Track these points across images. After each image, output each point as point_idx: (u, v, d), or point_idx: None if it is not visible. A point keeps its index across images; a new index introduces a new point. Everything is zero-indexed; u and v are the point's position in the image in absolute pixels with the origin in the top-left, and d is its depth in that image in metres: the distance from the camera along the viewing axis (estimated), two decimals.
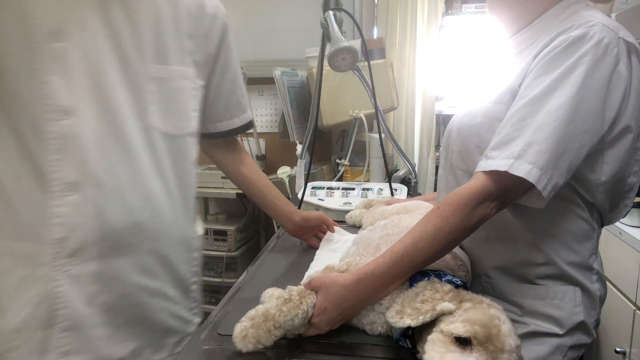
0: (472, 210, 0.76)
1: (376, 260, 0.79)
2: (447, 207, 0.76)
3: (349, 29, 1.92)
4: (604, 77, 0.75)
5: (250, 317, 0.77)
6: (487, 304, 0.68)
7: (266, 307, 0.77)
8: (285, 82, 2.15)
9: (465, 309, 0.66)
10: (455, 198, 0.77)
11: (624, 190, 0.86)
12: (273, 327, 0.75)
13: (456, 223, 0.76)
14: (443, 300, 0.69)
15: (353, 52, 1.31)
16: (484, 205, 0.76)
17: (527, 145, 0.73)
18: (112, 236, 0.88)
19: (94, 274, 0.87)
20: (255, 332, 0.75)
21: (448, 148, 0.94)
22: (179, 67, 0.96)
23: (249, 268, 1.18)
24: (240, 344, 0.75)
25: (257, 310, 0.77)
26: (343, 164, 2.03)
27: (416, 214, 1.03)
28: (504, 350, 0.62)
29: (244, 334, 0.75)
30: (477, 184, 0.76)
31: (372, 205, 1.37)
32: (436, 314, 0.68)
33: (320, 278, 0.81)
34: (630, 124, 0.79)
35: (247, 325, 0.75)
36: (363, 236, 1.00)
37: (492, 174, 0.76)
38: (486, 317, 0.64)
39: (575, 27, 0.77)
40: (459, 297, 0.70)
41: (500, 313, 0.66)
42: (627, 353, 1.57)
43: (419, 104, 2.54)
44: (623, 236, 1.59)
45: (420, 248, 0.76)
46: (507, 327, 0.64)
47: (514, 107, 0.78)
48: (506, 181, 0.75)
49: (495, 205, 0.77)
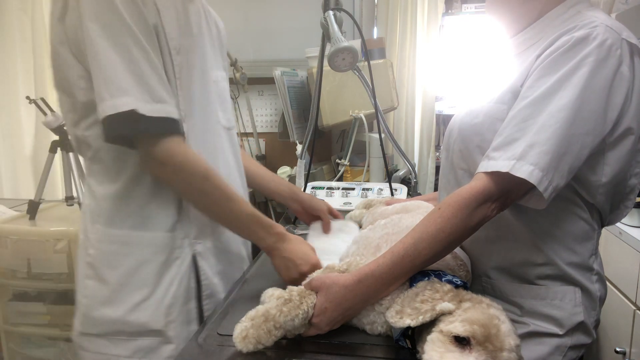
0: (473, 211, 0.75)
1: (376, 260, 0.79)
2: (448, 208, 0.76)
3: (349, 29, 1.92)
4: (606, 78, 0.74)
5: (251, 318, 0.77)
6: (487, 303, 0.68)
7: (266, 307, 0.77)
8: (285, 82, 2.15)
9: (464, 309, 0.66)
10: (457, 199, 0.76)
11: (624, 191, 0.86)
12: (273, 328, 0.75)
13: (457, 224, 0.76)
14: (443, 300, 0.69)
15: (353, 52, 1.30)
16: (485, 206, 0.76)
17: (529, 146, 0.73)
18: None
19: (211, 249, 1.04)
20: (256, 333, 0.75)
21: (449, 147, 0.94)
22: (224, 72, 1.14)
23: (249, 268, 1.18)
24: (240, 344, 0.75)
25: (258, 311, 0.77)
26: (343, 164, 2.03)
27: (416, 214, 1.03)
28: (503, 349, 0.62)
29: (244, 334, 0.75)
30: (479, 184, 0.76)
31: (372, 205, 1.37)
32: (436, 313, 0.68)
33: (320, 278, 0.81)
34: (632, 125, 0.79)
35: (248, 325, 0.76)
36: (363, 235, 1.00)
37: (494, 175, 0.75)
38: (485, 316, 0.64)
39: (578, 28, 0.77)
40: (459, 297, 0.70)
41: (500, 313, 0.66)
42: (627, 353, 1.57)
43: (419, 104, 2.54)
44: (623, 236, 1.59)
45: (420, 249, 0.76)
46: (506, 326, 0.64)
47: (516, 108, 0.78)
48: (507, 182, 0.75)
49: (496, 206, 0.77)
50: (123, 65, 0.85)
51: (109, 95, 0.85)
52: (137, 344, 0.95)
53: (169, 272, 0.98)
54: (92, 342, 0.97)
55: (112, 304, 0.95)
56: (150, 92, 0.87)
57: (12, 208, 2.09)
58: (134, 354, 0.95)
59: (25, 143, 2.57)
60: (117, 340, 0.95)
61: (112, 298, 0.95)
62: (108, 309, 0.95)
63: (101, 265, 0.96)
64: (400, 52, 2.52)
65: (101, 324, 0.96)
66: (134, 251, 0.96)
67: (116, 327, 0.95)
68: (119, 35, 0.85)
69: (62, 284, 1.82)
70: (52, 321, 1.87)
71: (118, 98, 0.84)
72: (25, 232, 1.82)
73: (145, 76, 0.87)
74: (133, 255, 0.96)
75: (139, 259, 0.96)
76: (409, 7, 2.47)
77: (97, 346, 0.96)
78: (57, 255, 1.79)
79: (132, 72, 0.86)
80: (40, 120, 2.34)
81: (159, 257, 0.97)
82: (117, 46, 0.85)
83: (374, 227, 1.03)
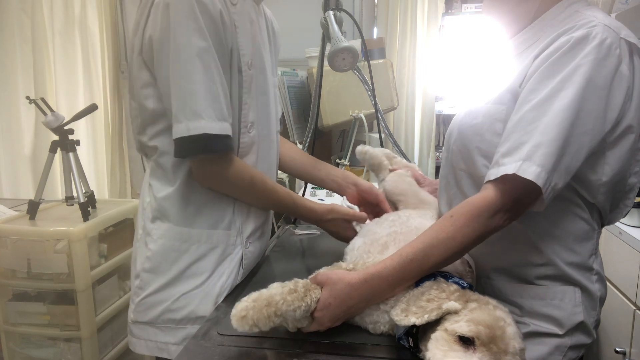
0: (486, 221, 0.75)
1: (384, 262, 0.79)
2: (461, 217, 0.76)
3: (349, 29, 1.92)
4: (606, 77, 0.74)
5: (253, 299, 0.76)
6: (494, 305, 0.68)
7: (271, 292, 0.77)
8: (285, 82, 2.15)
9: (470, 309, 0.66)
10: (469, 208, 0.76)
11: (624, 190, 0.86)
12: (274, 314, 0.75)
13: (469, 233, 0.76)
14: (449, 300, 0.69)
15: (353, 52, 1.30)
16: (497, 216, 0.75)
17: (535, 146, 0.73)
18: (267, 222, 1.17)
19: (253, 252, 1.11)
20: (255, 315, 0.74)
21: (449, 148, 0.94)
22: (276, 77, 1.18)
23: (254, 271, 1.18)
24: (237, 323, 0.74)
25: (261, 294, 0.77)
26: (343, 164, 2.03)
27: (426, 215, 1.02)
28: (508, 352, 0.62)
29: (243, 313, 0.74)
30: (491, 194, 0.76)
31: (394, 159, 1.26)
32: (442, 312, 0.67)
33: (327, 274, 0.81)
34: (632, 124, 0.79)
35: (249, 306, 0.75)
36: (370, 230, 1.00)
37: (504, 183, 0.75)
38: (491, 318, 0.64)
39: (576, 28, 0.77)
40: (465, 297, 0.70)
41: (506, 315, 0.66)
42: (627, 353, 1.57)
43: (419, 104, 2.54)
44: (623, 236, 1.59)
45: (430, 254, 0.76)
46: (512, 329, 0.64)
47: (520, 112, 0.77)
48: (516, 188, 0.74)
49: (508, 216, 0.76)
50: (199, 87, 0.91)
51: (184, 117, 0.91)
52: (185, 331, 1.00)
53: (221, 266, 1.04)
54: (143, 329, 1.03)
55: (165, 294, 1.01)
56: (216, 111, 0.93)
57: (12, 208, 2.08)
58: (182, 342, 0.99)
59: (25, 143, 2.57)
60: (167, 328, 1.01)
61: (166, 288, 1.01)
62: (161, 299, 1.01)
63: (161, 259, 1.01)
64: (400, 52, 2.52)
65: (153, 313, 1.01)
66: (192, 247, 1.01)
67: (167, 315, 1.01)
68: (199, 57, 0.90)
69: (62, 284, 1.82)
70: (52, 321, 1.86)
71: (192, 122, 0.91)
72: (25, 232, 1.82)
73: (215, 97, 0.93)
74: (192, 250, 1.01)
75: (197, 254, 1.02)
76: (409, 7, 2.47)
77: (147, 334, 1.02)
78: (57, 255, 1.79)
79: (206, 95, 0.91)
80: (40, 120, 2.34)
81: (215, 252, 1.03)
82: (196, 68, 0.90)
83: (381, 221, 1.02)
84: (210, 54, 0.92)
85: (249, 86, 1.01)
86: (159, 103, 0.97)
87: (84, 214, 1.85)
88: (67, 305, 1.84)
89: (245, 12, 1.00)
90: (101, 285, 1.94)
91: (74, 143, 1.92)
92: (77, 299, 1.81)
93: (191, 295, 1.00)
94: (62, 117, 1.90)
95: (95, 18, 2.80)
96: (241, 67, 0.99)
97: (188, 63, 0.90)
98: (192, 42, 0.90)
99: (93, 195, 2.03)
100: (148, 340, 1.02)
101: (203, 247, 1.02)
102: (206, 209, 1.02)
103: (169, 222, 1.01)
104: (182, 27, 0.89)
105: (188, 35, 0.90)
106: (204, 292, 1.01)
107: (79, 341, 1.86)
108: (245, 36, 0.99)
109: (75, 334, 1.85)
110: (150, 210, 1.03)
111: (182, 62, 0.90)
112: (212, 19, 0.91)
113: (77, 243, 1.77)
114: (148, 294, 1.01)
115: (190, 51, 0.90)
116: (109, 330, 2.00)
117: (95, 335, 1.87)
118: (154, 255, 1.01)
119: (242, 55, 0.98)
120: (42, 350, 1.91)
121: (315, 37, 1.63)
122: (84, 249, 1.79)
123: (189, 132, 0.91)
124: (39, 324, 1.87)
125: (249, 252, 1.09)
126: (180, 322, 1.00)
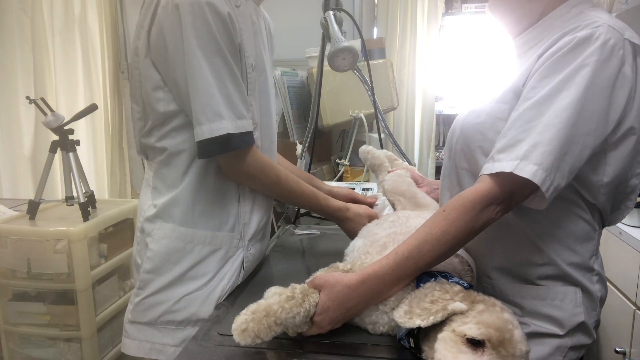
0: (478, 213, 0.75)
1: (380, 261, 0.79)
2: (453, 211, 0.76)
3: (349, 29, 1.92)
4: (609, 78, 0.74)
5: (252, 311, 0.76)
6: (500, 307, 0.67)
7: (269, 302, 0.77)
8: (285, 82, 2.15)
9: (479, 311, 0.66)
10: (461, 201, 0.76)
11: (625, 191, 0.86)
12: (274, 323, 0.75)
13: (461, 226, 0.75)
14: (453, 301, 0.69)
15: (353, 52, 1.30)
16: (489, 208, 0.76)
17: (532, 146, 0.73)
18: (267, 224, 1.17)
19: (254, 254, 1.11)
20: (256, 327, 0.74)
21: (451, 147, 0.93)
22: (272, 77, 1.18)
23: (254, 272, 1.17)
24: (239, 337, 0.74)
25: (259, 305, 0.77)
26: (343, 164, 2.03)
27: (426, 214, 1.02)
28: (515, 355, 0.61)
29: (243, 327, 0.74)
30: (483, 187, 0.76)
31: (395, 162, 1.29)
32: (447, 313, 0.67)
33: (324, 277, 0.81)
34: (634, 125, 0.78)
35: (248, 318, 0.75)
36: (370, 230, 1.00)
37: (498, 177, 0.75)
38: (501, 321, 0.63)
39: (580, 28, 0.77)
40: (470, 297, 0.69)
41: (513, 318, 0.66)
42: (627, 353, 1.56)
43: (419, 104, 2.54)
44: (623, 236, 1.59)
45: (425, 251, 0.76)
46: (519, 332, 0.64)
47: (519, 109, 0.77)
48: (511, 183, 0.74)
49: (501, 208, 0.76)
50: (217, 88, 0.92)
51: (206, 119, 0.92)
52: (185, 333, 1.00)
53: (223, 268, 1.04)
54: (141, 330, 1.02)
55: (166, 295, 1.00)
56: (234, 110, 0.94)
57: (12, 208, 2.08)
58: (181, 343, 0.99)
59: (25, 143, 2.57)
60: (166, 330, 1.00)
61: (168, 289, 1.00)
62: (162, 299, 1.00)
63: (163, 260, 1.01)
64: (400, 52, 2.52)
65: (152, 313, 1.01)
66: (196, 248, 1.02)
67: (167, 316, 1.00)
68: (213, 58, 0.91)
69: (62, 284, 1.82)
70: (52, 321, 1.86)
71: (215, 123, 0.92)
72: (25, 232, 1.82)
73: (232, 96, 0.94)
74: (196, 251, 1.02)
75: (201, 255, 1.02)
76: (409, 7, 2.47)
77: (144, 334, 1.01)
78: (57, 255, 1.79)
79: (224, 95, 0.93)
80: (40, 120, 2.34)
81: (218, 254, 1.04)
82: (212, 69, 0.92)
83: (381, 222, 1.02)
84: (223, 54, 0.92)
85: (253, 88, 1.02)
86: (171, 105, 0.97)
87: (84, 214, 1.85)
88: (67, 305, 1.84)
89: (247, 14, 1.00)
90: (101, 285, 1.94)
91: (74, 143, 1.92)
92: (77, 299, 1.81)
93: (193, 297, 1.00)
94: (62, 117, 1.90)
95: (95, 18, 2.80)
96: (245, 69, 0.99)
97: (203, 65, 0.90)
98: (205, 43, 0.90)
99: (93, 195, 2.03)
100: (144, 341, 1.01)
101: (207, 248, 1.02)
102: (211, 210, 1.03)
103: (173, 222, 1.01)
104: (194, 29, 0.89)
105: (200, 37, 0.90)
106: (206, 294, 1.01)
107: (79, 341, 1.86)
108: (248, 38, 0.99)
109: (75, 334, 1.85)
110: (153, 210, 1.03)
111: (197, 64, 0.90)
112: (222, 20, 0.91)
113: (77, 243, 1.77)
114: (148, 295, 1.01)
115: (204, 53, 0.90)
116: (109, 330, 2.00)
117: (95, 335, 1.88)
118: (156, 256, 1.01)
119: (246, 57, 0.99)
120: (42, 350, 1.91)
121: (315, 37, 1.63)
122: (84, 249, 1.79)
123: (213, 134, 0.92)
124: (39, 324, 1.87)
125: (250, 255, 1.09)
126: (181, 324, 1.00)
